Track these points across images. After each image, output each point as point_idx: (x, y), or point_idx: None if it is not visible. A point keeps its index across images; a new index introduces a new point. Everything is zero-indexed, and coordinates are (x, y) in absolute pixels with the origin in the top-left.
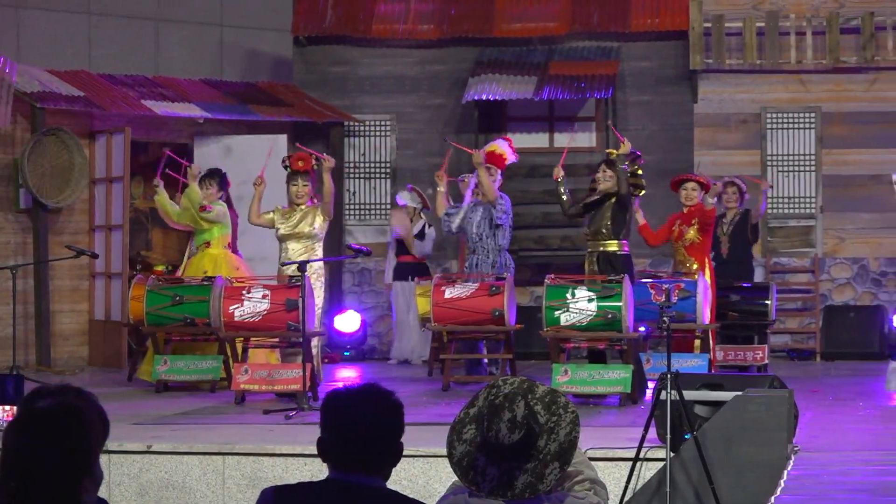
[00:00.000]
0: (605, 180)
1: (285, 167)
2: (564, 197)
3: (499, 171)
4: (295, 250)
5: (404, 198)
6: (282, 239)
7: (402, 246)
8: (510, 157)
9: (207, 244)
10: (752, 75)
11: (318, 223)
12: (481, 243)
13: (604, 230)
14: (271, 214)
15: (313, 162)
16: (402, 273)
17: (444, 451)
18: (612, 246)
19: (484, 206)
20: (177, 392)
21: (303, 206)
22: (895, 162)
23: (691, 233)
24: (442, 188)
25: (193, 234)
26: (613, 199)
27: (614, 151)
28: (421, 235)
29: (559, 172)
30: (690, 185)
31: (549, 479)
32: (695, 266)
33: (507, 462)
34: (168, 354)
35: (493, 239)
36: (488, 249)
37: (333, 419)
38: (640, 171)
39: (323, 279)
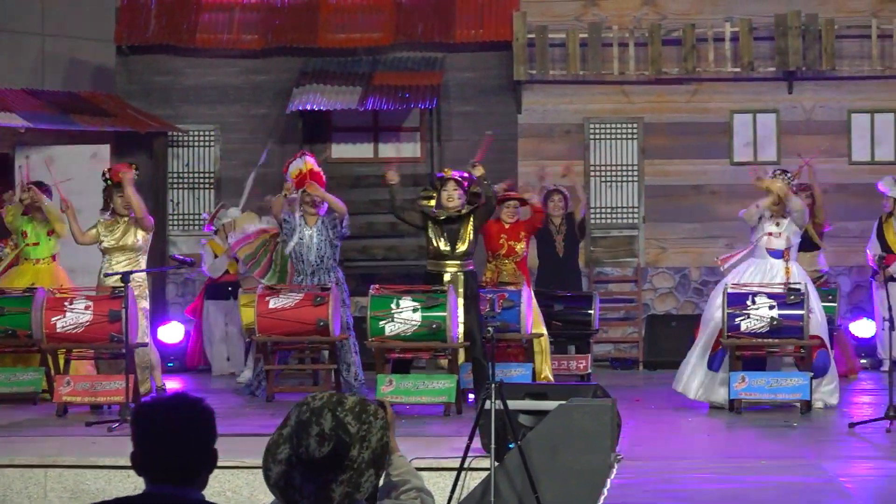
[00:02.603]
0: (455, 199)
1: (106, 180)
2: (398, 196)
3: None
4: (119, 262)
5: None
6: (105, 251)
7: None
8: (321, 171)
9: (53, 258)
10: (575, 86)
11: (142, 235)
12: (323, 265)
13: (467, 248)
14: (94, 230)
15: (134, 173)
16: (218, 291)
17: None
18: (471, 265)
19: (318, 226)
20: None
21: (126, 219)
22: (716, 172)
23: (519, 247)
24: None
25: (17, 243)
26: (471, 219)
27: (448, 170)
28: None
29: (394, 178)
30: (512, 202)
31: (366, 486)
32: (522, 279)
33: (322, 476)
34: None
35: (335, 255)
36: (328, 268)
37: (143, 431)
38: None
39: (147, 290)
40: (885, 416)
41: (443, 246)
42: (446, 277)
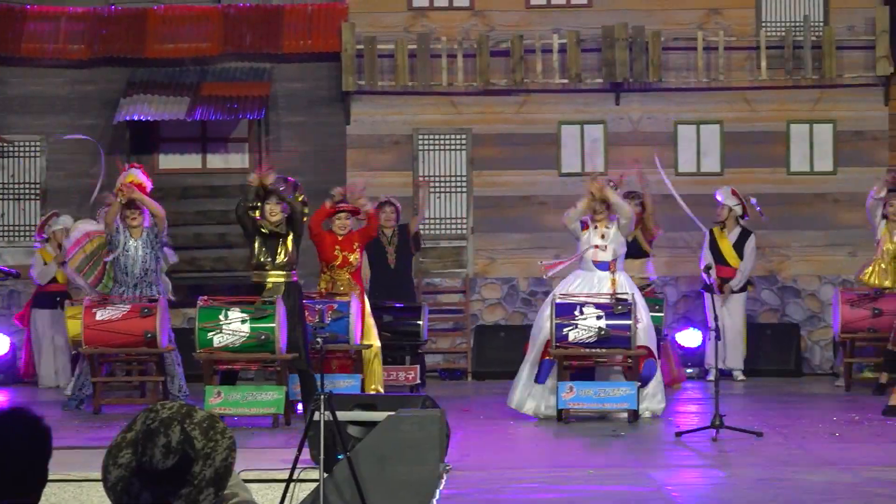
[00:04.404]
0: (277, 213)
1: None
2: (250, 197)
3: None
4: None
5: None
6: None
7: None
8: (148, 184)
9: None
10: (404, 97)
11: None
12: (146, 277)
13: (288, 259)
14: None
15: None
16: (46, 300)
17: (95, 475)
18: (295, 276)
19: (143, 238)
20: None
21: None
22: (544, 183)
23: (353, 257)
24: None
25: None
26: (292, 233)
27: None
28: None
29: (269, 178)
30: (343, 214)
31: None
32: (357, 289)
33: (162, 487)
34: None
35: (158, 267)
36: (152, 281)
37: None
38: (302, 198)
39: None
40: (711, 425)
41: (263, 258)
42: (268, 287)
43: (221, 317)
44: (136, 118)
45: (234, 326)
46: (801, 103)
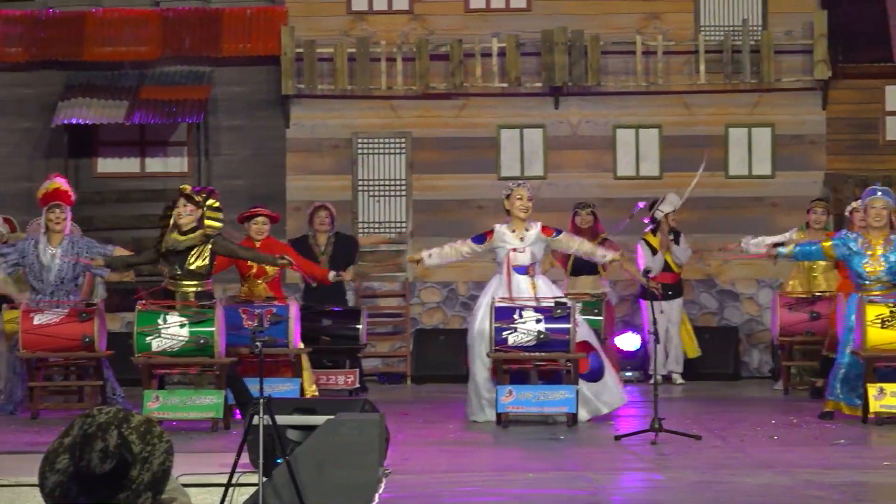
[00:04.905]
0: (184, 215)
1: None
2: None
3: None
4: None
5: None
6: None
7: None
8: (72, 193)
9: None
10: (343, 101)
11: None
12: (63, 286)
13: (196, 269)
14: None
15: None
16: None
17: (31, 480)
18: (209, 285)
19: (63, 246)
20: None
21: None
22: (484, 187)
23: (270, 269)
24: None
25: None
26: (210, 242)
27: (187, 187)
28: None
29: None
30: (261, 219)
31: None
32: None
33: (100, 492)
34: None
35: (76, 278)
36: (68, 290)
37: None
38: (216, 205)
39: None
40: (651, 429)
41: (176, 269)
42: (177, 298)
43: (160, 321)
44: (74, 122)
45: (173, 330)
46: (739, 107)
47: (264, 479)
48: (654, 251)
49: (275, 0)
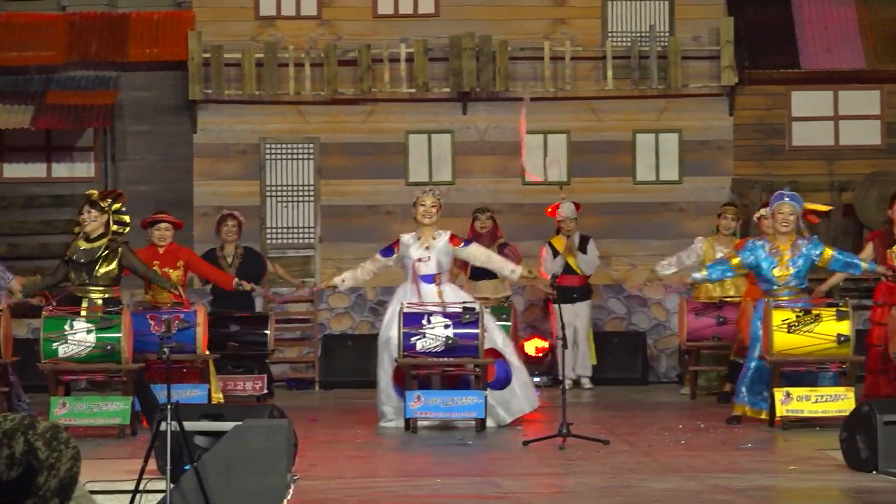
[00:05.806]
0: (89, 222)
1: None
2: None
3: None
4: None
5: None
6: None
7: None
8: None
9: None
10: (251, 106)
11: None
12: None
13: (102, 275)
14: None
15: None
16: None
17: None
18: (117, 292)
19: None
20: None
21: None
22: (392, 192)
23: (175, 274)
24: None
25: None
26: (117, 250)
27: (95, 192)
28: None
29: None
30: (164, 225)
31: None
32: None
33: (7, 499)
34: None
35: None
36: None
37: None
38: (121, 208)
39: None
40: (558, 434)
41: (83, 276)
42: (84, 304)
43: (67, 327)
44: None
45: (80, 336)
46: (647, 113)
47: (172, 485)
48: (556, 254)
49: (182, 5)
